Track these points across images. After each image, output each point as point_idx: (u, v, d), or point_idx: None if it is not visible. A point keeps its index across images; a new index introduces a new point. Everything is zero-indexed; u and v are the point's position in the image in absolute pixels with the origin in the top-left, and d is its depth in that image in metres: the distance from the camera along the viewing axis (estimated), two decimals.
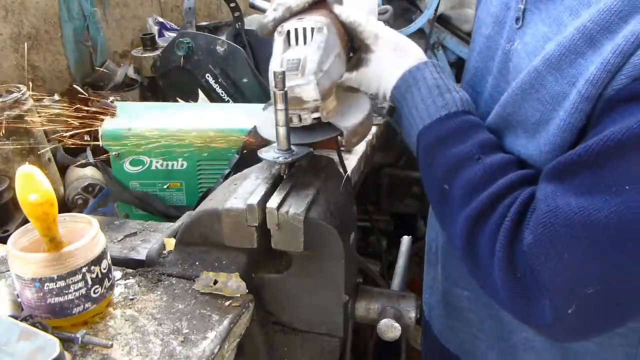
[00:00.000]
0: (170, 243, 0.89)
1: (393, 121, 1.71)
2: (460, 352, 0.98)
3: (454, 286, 0.94)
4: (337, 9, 0.77)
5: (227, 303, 0.80)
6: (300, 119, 0.78)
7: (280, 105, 0.75)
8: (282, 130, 0.78)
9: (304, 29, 0.76)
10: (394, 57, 0.79)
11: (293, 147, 0.81)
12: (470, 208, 0.68)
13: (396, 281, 0.98)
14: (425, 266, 1.07)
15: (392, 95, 0.79)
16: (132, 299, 0.81)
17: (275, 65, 0.76)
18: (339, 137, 0.80)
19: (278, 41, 0.78)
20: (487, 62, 0.82)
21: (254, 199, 0.77)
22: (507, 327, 0.86)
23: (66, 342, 0.71)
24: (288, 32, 0.77)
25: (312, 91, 0.74)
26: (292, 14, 0.79)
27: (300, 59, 0.74)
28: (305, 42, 0.76)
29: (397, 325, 0.84)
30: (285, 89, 0.74)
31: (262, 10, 1.72)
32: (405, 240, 1.08)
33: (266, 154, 0.81)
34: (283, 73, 0.74)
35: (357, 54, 0.81)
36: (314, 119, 0.78)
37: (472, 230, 0.68)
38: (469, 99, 0.76)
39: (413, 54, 0.79)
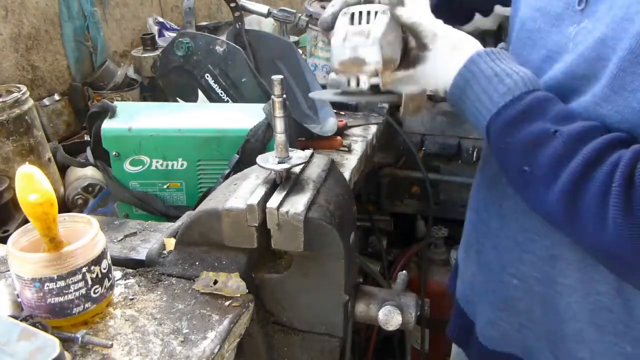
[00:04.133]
0: (170, 243, 0.89)
1: (393, 121, 1.71)
2: (503, 347, 0.97)
3: (501, 274, 0.93)
4: (399, 10, 0.78)
5: (227, 303, 0.80)
6: (357, 83, 0.78)
7: (279, 113, 0.75)
8: (281, 138, 0.78)
9: (368, 12, 0.78)
10: (451, 54, 0.79)
11: (290, 154, 0.81)
12: (562, 183, 0.68)
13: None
14: (463, 264, 1.07)
15: (451, 93, 0.79)
16: (132, 299, 0.81)
17: (340, 32, 0.77)
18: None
19: (342, 20, 0.79)
20: (539, 51, 0.83)
21: (254, 199, 0.77)
22: (559, 316, 0.86)
23: (66, 342, 0.71)
24: (352, 13, 0.79)
25: (376, 53, 0.75)
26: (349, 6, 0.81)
27: (365, 29, 0.76)
28: (368, 22, 0.78)
29: (397, 311, 0.84)
30: (284, 96, 0.75)
31: (253, 13, 1.73)
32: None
33: (264, 161, 0.82)
34: (281, 80, 0.74)
35: (414, 51, 0.82)
36: (372, 85, 0.78)
37: (570, 205, 0.68)
38: (532, 76, 0.76)
39: (470, 49, 0.79)
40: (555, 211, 0.70)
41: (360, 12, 0.79)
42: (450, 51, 0.79)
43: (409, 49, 0.83)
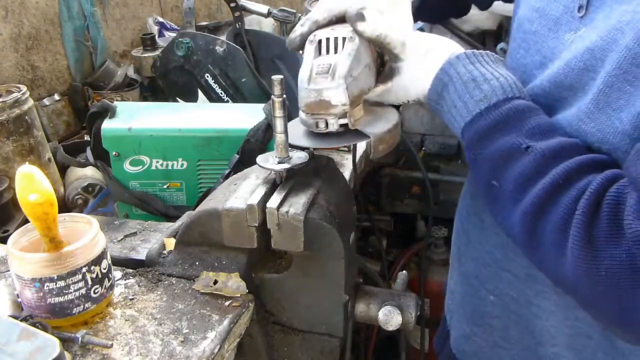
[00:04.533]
0: (170, 243, 0.89)
1: None
2: None
3: (479, 288, 0.90)
4: (360, 26, 0.74)
5: (227, 303, 0.80)
6: (326, 125, 0.76)
7: (279, 113, 0.75)
8: (281, 138, 0.78)
9: (336, 38, 0.76)
10: (425, 60, 0.76)
11: (290, 154, 0.81)
12: (525, 203, 0.64)
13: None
14: (449, 271, 1.03)
15: (429, 98, 0.76)
16: (132, 299, 0.81)
17: (305, 70, 0.75)
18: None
19: (309, 49, 0.77)
20: (534, 56, 0.79)
21: (254, 199, 0.77)
22: (535, 338, 0.83)
23: (66, 342, 0.71)
24: (320, 41, 0.77)
25: (341, 95, 0.73)
26: (319, 27, 0.78)
27: (331, 64, 0.73)
28: (336, 51, 0.75)
29: (397, 311, 0.84)
30: (284, 96, 0.74)
31: (253, 13, 1.73)
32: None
33: (264, 161, 0.81)
34: (281, 80, 0.73)
35: (388, 65, 0.79)
36: (341, 125, 0.76)
37: (532, 228, 0.64)
38: (515, 82, 0.71)
39: (446, 52, 0.75)
40: (517, 232, 0.66)
41: (328, 39, 0.76)
42: (423, 57, 0.76)
43: (385, 61, 0.81)
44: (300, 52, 0.79)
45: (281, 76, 0.75)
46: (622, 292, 0.58)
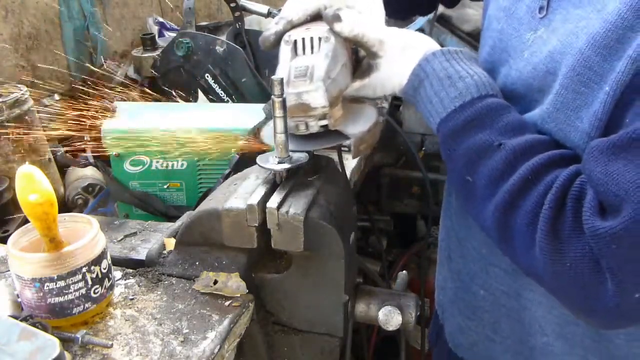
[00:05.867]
0: (170, 243, 0.89)
1: (393, 121, 1.71)
2: (470, 356, 0.96)
3: (470, 284, 0.92)
4: (337, 27, 0.75)
5: (227, 303, 0.80)
6: (307, 127, 0.76)
7: (279, 113, 0.75)
8: (281, 138, 0.78)
9: (312, 39, 0.76)
10: (402, 56, 0.77)
11: (291, 154, 0.81)
12: (497, 198, 0.66)
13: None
14: (437, 267, 1.05)
15: (405, 92, 0.77)
16: (132, 299, 0.81)
17: (282, 73, 0.75)
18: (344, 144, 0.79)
19: (285, 50, 0.77)
20: (500, 54, 0.81)
21: (254, 199, 0.77)
22: (525, 329, 0.85)
23: (66, 342, 0.71)
24: (295, 41, 0.77)
25: (321, 97, 0.73)
26: (294, 26, 0.79)
27: (309, 66, 0.74)
28: (312, 51, 0.76)
29: (397, 311, 0.84)
30: (284, 96, 0.74)
31: (253, 13, 1.73)
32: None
33: (264, 160, 0.81)
34: (281, 80, 0.73)
35: (365, 61, 0.80)
36: (321, 126, 0.77)
37: (503, 221, 0.66)
38: (489, 80, 0.73)
39: (423, 48, 0.77)
40: (489, 226, 0.69)
41: (304, 39, 0.76)
42: (400, 53, 0.77)
43: (361, 57, 0.81)
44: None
45: (281, 76, 0.75)
46: (585, 283, 0.61)
